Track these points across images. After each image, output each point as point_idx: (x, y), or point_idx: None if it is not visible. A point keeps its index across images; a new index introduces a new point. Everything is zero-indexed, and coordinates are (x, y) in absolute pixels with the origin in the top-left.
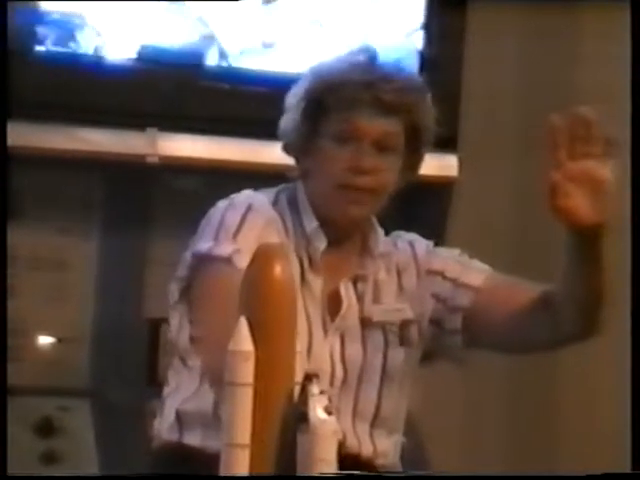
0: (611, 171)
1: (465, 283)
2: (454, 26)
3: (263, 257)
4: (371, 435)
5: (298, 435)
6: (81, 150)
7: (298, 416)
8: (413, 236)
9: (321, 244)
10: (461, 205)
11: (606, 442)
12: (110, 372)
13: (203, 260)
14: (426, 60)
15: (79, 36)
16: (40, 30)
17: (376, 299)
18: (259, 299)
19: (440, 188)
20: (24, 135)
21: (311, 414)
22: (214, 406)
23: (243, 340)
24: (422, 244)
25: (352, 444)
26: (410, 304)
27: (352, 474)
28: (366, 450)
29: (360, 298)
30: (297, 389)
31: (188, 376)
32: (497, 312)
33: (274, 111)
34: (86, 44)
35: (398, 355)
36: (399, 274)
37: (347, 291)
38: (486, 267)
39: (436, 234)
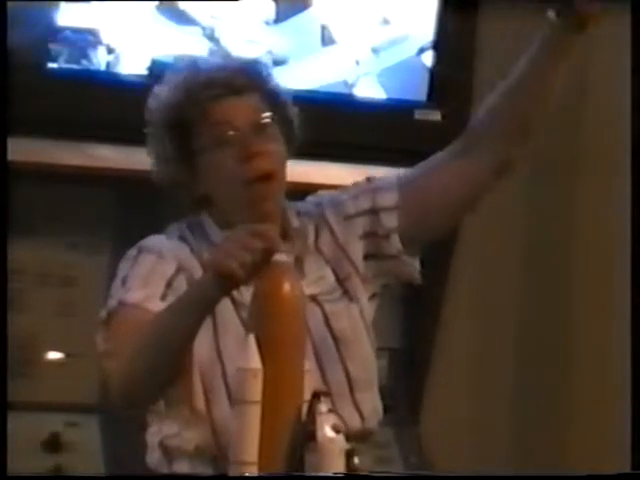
0: None
1: (384, 207)
2: (464, 45)
3: (272, 275)
4: (355, 402)
5: (306, 453)
6: (92, 166)
7: (306, 434)
8: (321, 196)
9: None
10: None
11: (609, 443)
12: None
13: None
14: (436, 79)
15: (91, 52)
16: (53, 47)
17: (300, 274)
18: (268, 316)
19: None
20: (35, 151)
21: (319, 432)
22: (195, 449)
23: (251, 358)
24: (326, 198)
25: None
26: (334, 264)
27: (352, 475)
28: (356, 421)
29: None
30: (305, 407)
31: (168, 422)
32: (427, 200)
33: None
34: (98, 60)
35: (340, 318)
36: (316, 239)
37: None
38: (393, 178)
39: (442, 240)
